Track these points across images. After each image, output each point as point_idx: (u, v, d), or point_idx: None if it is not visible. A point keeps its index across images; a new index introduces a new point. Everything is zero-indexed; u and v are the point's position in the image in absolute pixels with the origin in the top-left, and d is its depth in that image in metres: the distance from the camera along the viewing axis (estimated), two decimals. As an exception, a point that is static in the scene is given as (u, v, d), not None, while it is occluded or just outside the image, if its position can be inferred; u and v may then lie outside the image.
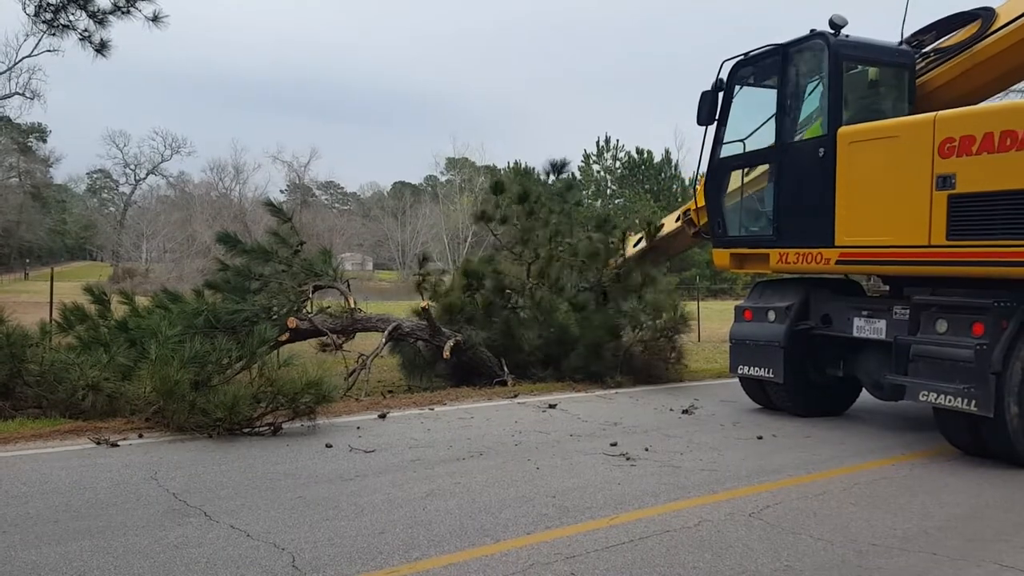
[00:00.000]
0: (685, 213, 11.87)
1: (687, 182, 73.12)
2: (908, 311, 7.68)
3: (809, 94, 8.97)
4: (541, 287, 12.59)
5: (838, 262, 8.22)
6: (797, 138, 8.88)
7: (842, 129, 8.16)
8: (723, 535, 5.02)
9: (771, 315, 9.05)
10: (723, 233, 9.84)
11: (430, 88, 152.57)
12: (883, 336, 8.06)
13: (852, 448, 7.64)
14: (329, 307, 11.60)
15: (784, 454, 7.35)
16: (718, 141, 9.76)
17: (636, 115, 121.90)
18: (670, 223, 12.78)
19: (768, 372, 8.92)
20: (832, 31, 8.41)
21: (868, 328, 8.29)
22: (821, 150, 8.30)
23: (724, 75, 9.56)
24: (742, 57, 9.42)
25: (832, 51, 8.33)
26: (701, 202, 10.96)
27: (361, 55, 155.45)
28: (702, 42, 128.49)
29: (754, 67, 9.47)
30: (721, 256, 9.94)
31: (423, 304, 11.23)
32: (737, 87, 9.63)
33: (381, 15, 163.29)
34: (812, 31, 8.62)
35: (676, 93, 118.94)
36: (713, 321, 22.37)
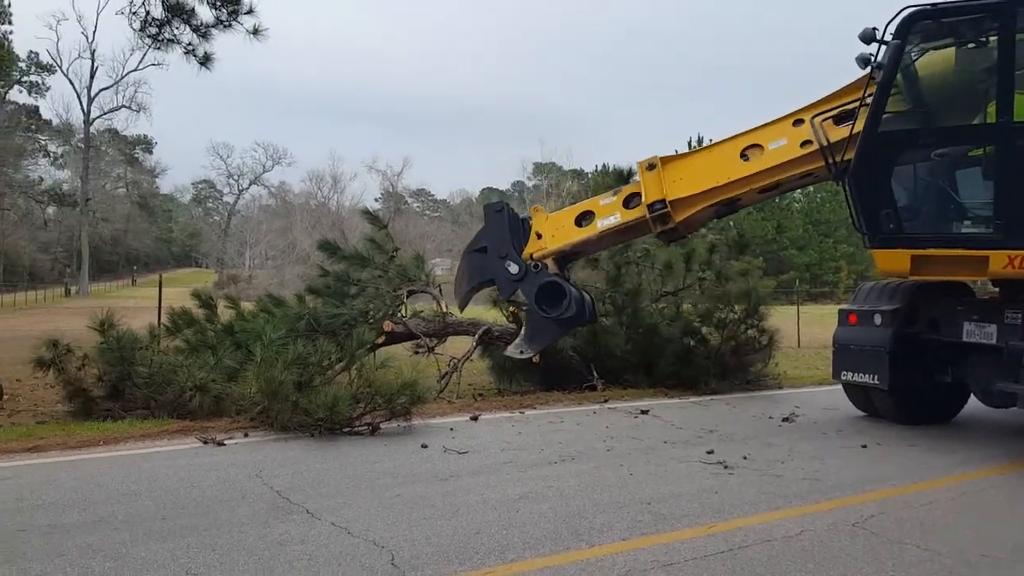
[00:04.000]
0: (653, 205, 9.42)
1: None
2: (1020, 315, 7.26)
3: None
4: (619, 292, 12.48)
5: None
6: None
7: None
8: (825, 545, 4.86)
9: (877, 319, 8.72)
10: (896, 229, 8.04)
11: (518, 94, 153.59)
12: (994, 341, 7.67)
13: (960, 457, 7.33)
14: (422, 311, 11.79)
15: (889, 463, 7.09)
16: (878, 110, 7.97)
17: (731, 117, 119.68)
18: (611, 211, 9.88)
19: (873, 378, 8.59)
20: None
21: (978, 333, 7.88)
22: None
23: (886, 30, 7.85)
24: (928, 7, 7.79)
25: None
26: (680, 191, 9.27)
27: (448, 64, 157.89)
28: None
29: (945, 22, 7.91)
30: (894, 258, 8.13)
31: (512, 308, 11.28)
32: (913, 44, 7.99)
33: (464, 20, 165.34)
34: None
35: (765, 94, 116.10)
36: (813, 326, 21.69)
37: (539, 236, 10.07)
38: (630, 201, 9.80)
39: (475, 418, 9.01)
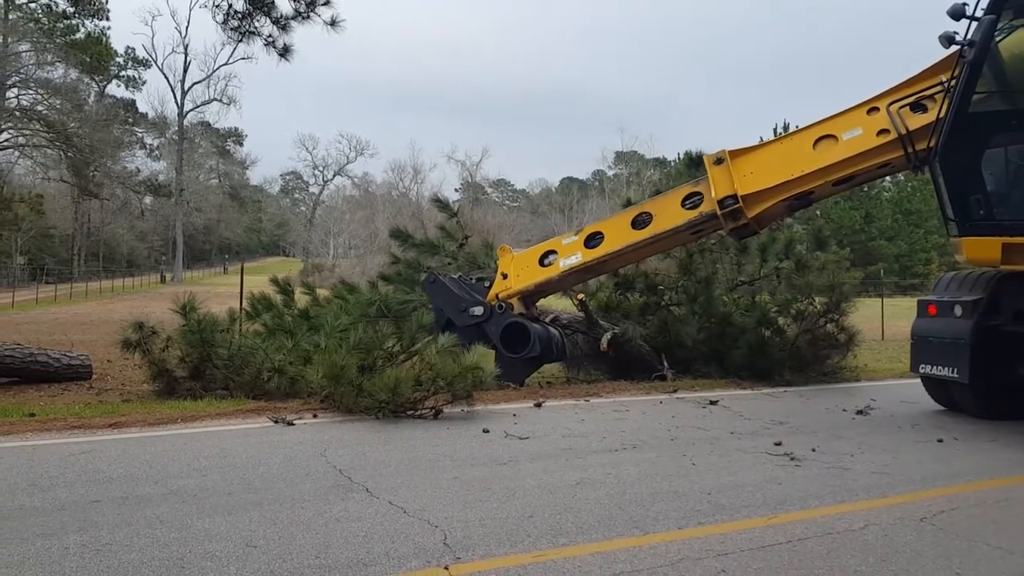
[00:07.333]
0: (724, 201, 9.30)
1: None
2: None
3: None
4: (691, 281, 12.27)
5: None
6: None
7: None
8: (890, 539, 4.69)
9: (957, 310, 8.34)
10: (986, 216, 7.70)
11: (598, 81, 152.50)
12: None
13: (1043, 454, 6.95)
14: (491, 298, 11.84)
15: (965, 458, 6.79)
16: (969, 90, 7.63)
17: (813, 102, 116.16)
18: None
19: (952, 371, 8.24)
20: None
21: None
22: None
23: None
24: None
25: None
26: (751, 185, 9.14)
27: (528, 52, 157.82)
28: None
29: None
30: (983, 246, 7.79)
31: (580, 296, 11.24)
32: (1006, 21, 7.57)
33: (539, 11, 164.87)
34: None
35: (850, 79, 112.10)
36: (901, 319, 20.88)
37: (504, 276, 10.43)
38: (591, 240, 9.99)
39: (539, 405, 9.03)
